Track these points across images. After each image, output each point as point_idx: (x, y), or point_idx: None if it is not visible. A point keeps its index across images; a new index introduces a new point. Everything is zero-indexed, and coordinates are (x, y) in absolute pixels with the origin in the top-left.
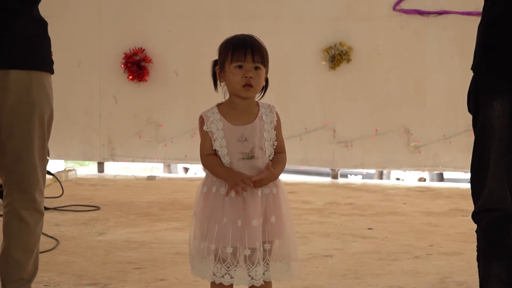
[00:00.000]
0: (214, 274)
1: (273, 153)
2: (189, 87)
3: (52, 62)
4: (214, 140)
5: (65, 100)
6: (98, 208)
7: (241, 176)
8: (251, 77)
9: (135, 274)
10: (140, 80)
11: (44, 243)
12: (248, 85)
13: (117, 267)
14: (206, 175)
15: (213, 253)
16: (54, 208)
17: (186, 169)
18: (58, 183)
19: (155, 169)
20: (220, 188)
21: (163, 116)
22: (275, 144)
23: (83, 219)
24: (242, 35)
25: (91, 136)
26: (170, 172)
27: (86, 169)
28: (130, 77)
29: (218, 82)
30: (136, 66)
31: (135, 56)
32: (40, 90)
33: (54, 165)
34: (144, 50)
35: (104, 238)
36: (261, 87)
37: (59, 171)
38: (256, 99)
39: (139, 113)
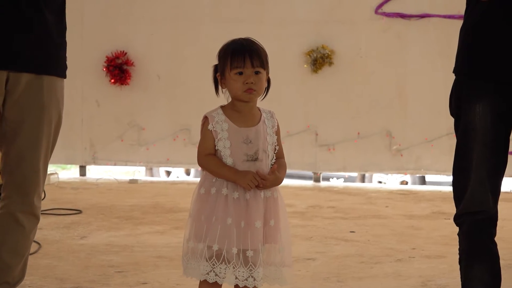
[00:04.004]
0: (217, 275)
1: (274, 158)
2: (171, 91)
3: (65, 67)
4: (218, 141)
5: None
6: (80, 211)
7: (252, 174)
8: (252, 82)
9: (118, 278)
10: (122, 84)
11: None
12: (250, 90)
13: (99, 271)
14: (203, 176)
15: (215, 253)
16: None
17: (168, 173)
18: None
19: (137, 172)
20: (221, 189)
21: (145, 120)
22: (277, 149)
23: (65, 223)
24: (240, 40)
25: (73, 139)
26: (152, 175)
27: (68, 173)
28: (112, 80)
29: (220, 88)
30: (118, 69)
31: (117, 60)
32: (51, 94)
33: None
34: (126, 53)
35: (86, 241)
36: (263, 90)
37: None
38: (259, 99)
39: (121, 116)
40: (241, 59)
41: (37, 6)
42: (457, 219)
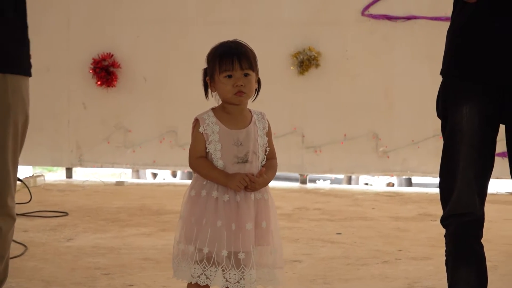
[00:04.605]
0: (207, 277)
1: (265, 159)
2: (158, 93)
3: (30, 66)
4: (208, 143)
5: (33, 106)
6: (66, 214)
7: (241, 176)
8: (242, 85)
9: (104, 280)
10: (108, 86)
11: (12, 249)
12: (240, 92)
13: (85, 273)
14: (194, 179)
15: (205, 256)
16: (23, 214)
17: (154, 175)
18: (27, 189)
19: (124, 174)
20: (211, 192)
21: (132, 122)
22: (267, 150)
23: (51, 225)
24: (228, 42)
25: (60, 141)
26: (138, 177)
27: (55, 175)
28: (99, 82)
29: (209, 91)
30: (105, 71)
31: (104, 62)
32: (16, 94)
33: (22, 171)
34: (112, 55)
35: (72, 244)
36: (253, 92)
37: (27, 177)
38: (250, 101)
39: (107, 118)
40: (229, 62)
41: None
42: (444, 221)
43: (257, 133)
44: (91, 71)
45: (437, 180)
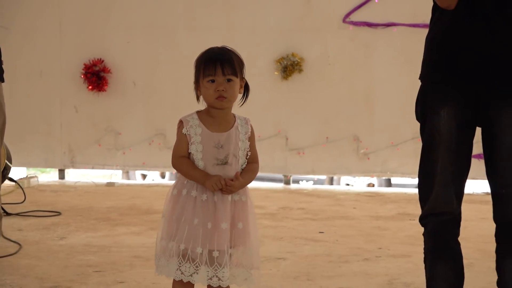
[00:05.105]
0: (182, 273)
1: (246, 162)
2: (147, 97)
3: (2, 71)
4: (191, 144)
5: (27, 109)
6: (59, 213)
7: (218, 177)
8: (223, 90)
9: (96, 277)
10: (99, 90)
11: (7, 247)
12: (221, 97)
13: (78, 270)
14: (177, 179)
15: (181, 253)
16: (17, 214)
17: (144, 176)
18: (21, 190)
19: (114, 175)
20: (191, 191)
21: (122, 125)
22: (249, 154)
23: (45, 224)
24: (214, 48)
25: (52, 144)
26: (128, 178)
27: (48, 176)
28: (90, 87)
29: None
30: (96, 76)
31: (95, 67)
32: None
33: (16, 172)
34: (103, 61)
35: (65, 242)
36: (236, 97)
37: (21, 178)
38: (238, 105)
39: (98, 122)
40: (212, 67)
41: None
42: (423, 220)
43: (238, 137)
44: (82, 76)
45: (416, 181)
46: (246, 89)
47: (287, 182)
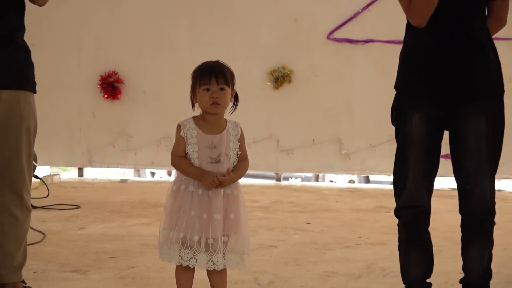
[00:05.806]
0: (182, 258)
1: (237, 161)
2: (155, 104)
3: (35, 84)
4: (188, 145)
5: (50, 116)
6: (78, 206)
7: (213, 175)
8: (217, 97)
9: (110, 263)
10: (114, 99)
11: (33, 236)
12: (215, 103)
13: (95, 257)
14: (176, 176)
15: (181, 240)
16: (42, 207)
17: (153, 173)
18: (45, 186)
19: (127, 173)
20: (188, 186)
21: (133, 129)
22: (239, 153)
23: (66, 216)
24: (209, 62)
25: (73, 146)
26: (139, 176)
27: (69, 174)
28: (106, 96)
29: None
30: (111, 86)
31: (110, 78)
32: (27, 106)
33: (41, 170)
34: (117, 73)
35: (84, 232)
36: (228, 104)
37: (45, 176)
38: (230, 113)
39: (113, 126)
40: (207, 77)
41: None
42: (397, 212)
43: (229, 139)
44: (99, 86)
45: (391, 178)
46: (236, 99)
47: (278, 179)
